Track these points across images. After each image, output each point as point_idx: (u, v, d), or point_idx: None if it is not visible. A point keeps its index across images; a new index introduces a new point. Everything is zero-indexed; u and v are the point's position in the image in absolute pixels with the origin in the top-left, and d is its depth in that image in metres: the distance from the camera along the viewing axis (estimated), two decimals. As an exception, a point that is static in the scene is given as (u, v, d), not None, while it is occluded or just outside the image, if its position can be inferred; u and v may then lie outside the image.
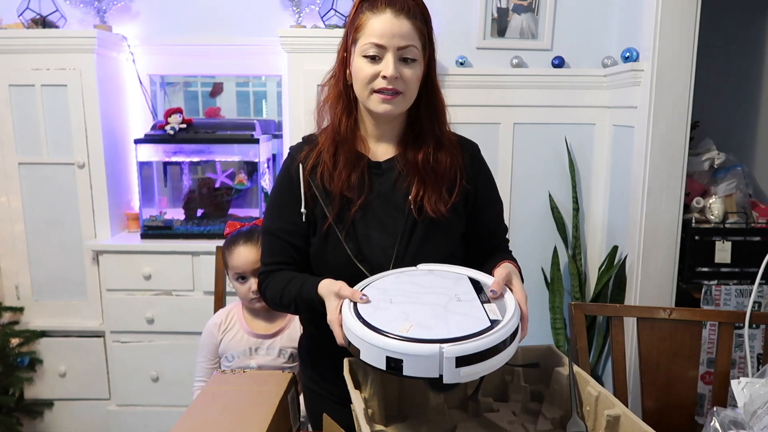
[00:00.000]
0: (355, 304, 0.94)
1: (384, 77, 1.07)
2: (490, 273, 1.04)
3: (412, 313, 0.89)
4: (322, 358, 1.25)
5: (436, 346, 0.81)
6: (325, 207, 1.14)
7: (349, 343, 0.91)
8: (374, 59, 1.08)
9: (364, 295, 0.95)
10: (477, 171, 1.21)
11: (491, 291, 0.96)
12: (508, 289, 0.98)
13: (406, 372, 0.82)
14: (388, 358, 0.83)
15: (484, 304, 0.92)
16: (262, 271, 1.21)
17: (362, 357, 0.88)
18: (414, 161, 1.15)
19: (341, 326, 0.94)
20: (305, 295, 1.08)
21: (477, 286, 0.99)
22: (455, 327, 0.85)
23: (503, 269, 1.01)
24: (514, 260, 1.20)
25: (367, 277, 1.08)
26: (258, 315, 1.60)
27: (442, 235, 1.16)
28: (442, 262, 1.09)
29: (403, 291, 0.98)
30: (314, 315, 1.00)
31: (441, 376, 0.82)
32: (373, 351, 0.85)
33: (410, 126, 1.19)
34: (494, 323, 0.87)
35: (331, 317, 0.97)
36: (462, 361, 0.81)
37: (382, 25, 1.06)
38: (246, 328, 1.58)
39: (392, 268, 1.11)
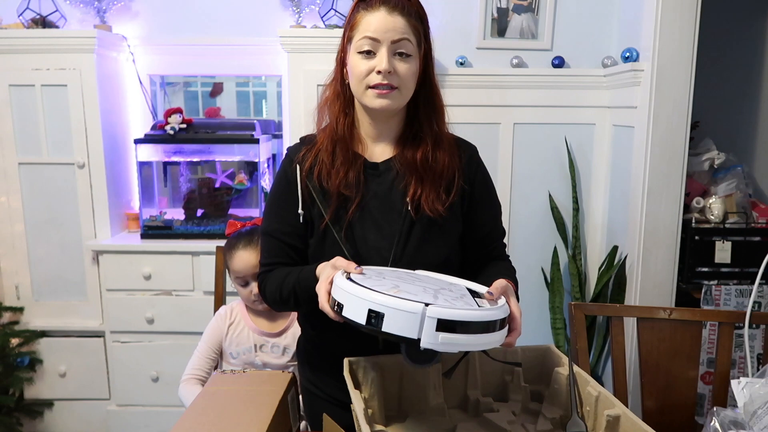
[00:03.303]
0: (348, 274, 0.95)
1: (378, 72, 1.07)
2: (487, 284, 1.04)
3: (403, 286, 0.90)
4: (319, 359, 1.25)
5: (420, 305, 0.81)
6: (322, 207, 1.15)
7: (335, 303, 0.91)
8: (369, 54, 1.08)
9: (358, 266, 0.96)
10: (474, 171, 1.21)
11: (488, 292, 0.97)
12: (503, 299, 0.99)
13: (385, 327, 0.82)
14: (369, 311, 0.83)
15: (476, 298, 0.93)
16: (260, 272, 1.22)
17: (344, 312, 0.88)
18: (412, 160, 1.15)
19: (329, 293, 0.94)
20: (304, 281, 1.08)
21: (471, 291, 1.00)
22: (443, 300, 0.86)
23: (503, 282, 1.00)
24: (511, 272, 1.20)
25: None
26: (260, 314, 1.61)
27: (440, 237, 1.16)
28: (438, 266, 1.10)
29: (397, 276, 0.99)
30: (314, 304, 1.00)
31: (419, 340, 0.81)
32: (356, 303, 0.85)
33: (408, 125, 1.19)
34: (482, 308, 0.88)
35: (320, 286, 0.97)
36: (443, 325, 0.81)
37: (376, 21, 1.08)
38: (251, 326, 1.59)
39: None
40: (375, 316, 0.83)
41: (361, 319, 0.84)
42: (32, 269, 2.45)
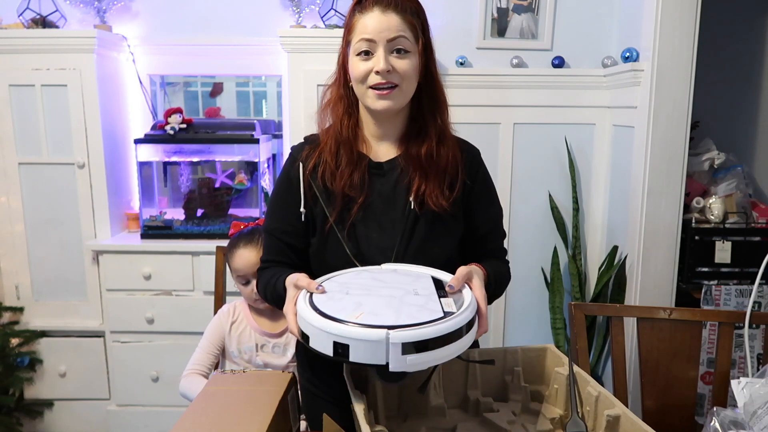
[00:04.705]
0: (311, 294, 0.95)
1: (377, 72, 1.08)
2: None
3: (366, 303, 0.89)
4: (318, 359, 1.25)
5: (383, 331, 0.80)
6: (325, 207, 1.15)
7: (302, 333, 0.91)
8: (367, 55, 1.09)
9: (320, 285, 0.96)
10: (476, 170, 1.21)
11: (448, 286, 0.97)
12: (467, 286, 0.98)
13: (352, 358, 0.82)
14: (335, 343, 0.83)
15: (441, 299, 0.92)
16: (258, 268, 1.23)
17: (311, 344, 0.87)
18: (417, 155, 1.15)
19: (295, 315, 0.94)
20: (279, 290, 1.10)
21: (438, 284, 0.99)
22: (406, 316, 0.84)
23: (466, 268, 1.01)
24: (495, 266, 1.19)
25: None
26: (262, 313, 1.61)
27: (443, 235, 1.16)
28: (440, 265, 1.09)
29: (361, 285, 0.98)
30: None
31: (388, 364, 0.81)
32: (321, 336, 0.85)
33: (413, 121, 1.19)
34: (447, 314, 0.86)
35: (287, 307, 0.99)
36: (408, 348, 0.80)
37: (371, 22, 1.08)
38: (253, 325, 1.59)
39: None
40: (341, 348, 0.82)
41: (328, 351, 0.84)
42: (32, 269, 2.45)
